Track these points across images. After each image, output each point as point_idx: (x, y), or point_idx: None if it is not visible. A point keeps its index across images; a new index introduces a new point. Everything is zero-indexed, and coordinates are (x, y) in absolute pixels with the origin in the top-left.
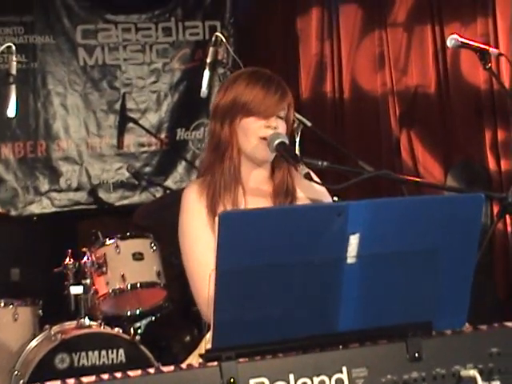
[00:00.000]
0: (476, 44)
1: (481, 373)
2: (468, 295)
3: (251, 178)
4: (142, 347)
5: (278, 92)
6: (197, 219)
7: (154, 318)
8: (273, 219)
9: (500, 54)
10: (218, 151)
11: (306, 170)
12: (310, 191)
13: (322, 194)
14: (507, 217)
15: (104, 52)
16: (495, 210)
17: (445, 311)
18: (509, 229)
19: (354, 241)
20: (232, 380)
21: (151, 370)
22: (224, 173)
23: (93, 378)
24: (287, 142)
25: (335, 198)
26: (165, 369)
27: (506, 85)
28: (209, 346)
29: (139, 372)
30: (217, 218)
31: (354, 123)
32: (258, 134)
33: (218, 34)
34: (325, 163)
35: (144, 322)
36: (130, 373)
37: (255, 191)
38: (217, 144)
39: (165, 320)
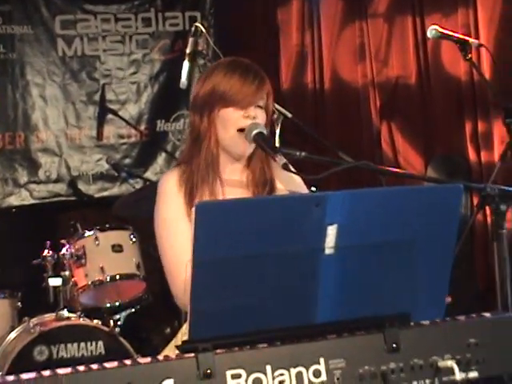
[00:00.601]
0: (456, 35)
1: (458, 363)
2: (446, 286)
3: (228, 170)
4: (122, 339)
5: (256, 81)
6: (173, 208)
7: (133, 310)
8: (250, 209)
9: (480, 45)
10: (197, 142)
11: (284, 160)
12: (289, 182)
13: (301, 186)
14: (487, 208)
15: (83, 42)
16: (475, 201)
17: (423, 302)
18: (488, 220)
19: (331, 231)
20: (209, 371)
21: (127, 362)
22: (201, 164)
23: (68, 370)
24: (265, 132)
25: (313, 189)
26: (141, 360)
27: (487, 76)
28: (185, 337)
29: (115, 363)
30: (193, 209)
31: (335, 114)
32: (236, 124)
33: (197, 24)
34: (303, 153)
35: (124, 313)
36: (107, 364)
37: (233, 182)
38: (196, 136)
39: (145, 312)
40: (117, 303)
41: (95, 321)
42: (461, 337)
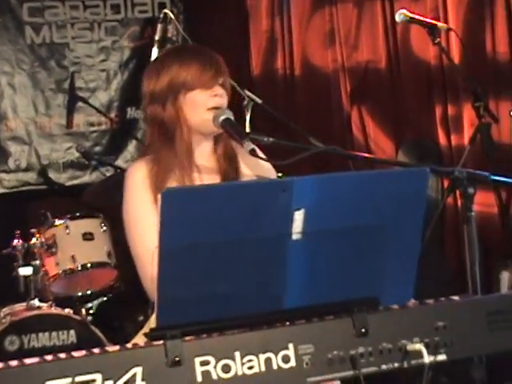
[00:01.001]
0: (425, 19)
1: (427, 346)
2: (414, 270)
3: (199, 152)
4: (94, 328)
5: (214, 62)
6: (142, 199)
7: (105, 299)
8: (217, 196)
9: (449, 29)
10: (166, 134)
11: (252, 146)
12: (257, 168)
13: (269, 172)
14: (457, 192)
15: (51, 30)
16: (446, 185)
17: (391, 286)
18: (459, 203)
19: (298, 217)
20: (177, 359)
21: (96, 350)
22: (178, 154)
23: (36, 359)
24: (232, 117)
25: (279, 174)
26: (110, 348)
27: (456, 60)
28: (154, 325)
29: (83, 352)
30: (159, 196)
31: (305, 100)
32: (206, 104)
33: (166, 11)
34: (271, 139)
35: (96, 302)
36: (75, 353)
37: (206, 169)
38: (161, 127)
39: (117, 300)
40: (88, 292)
41: (67, 310)
42: (429, 320)
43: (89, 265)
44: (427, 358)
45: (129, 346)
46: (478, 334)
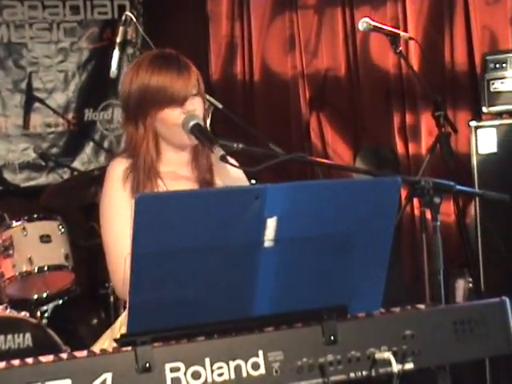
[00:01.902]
0: (387, 28)
1: (395, 355)
2: (383, 279)
3: (172, 162)
4: (50, 331)
5: (184, 72)
6: (118, 198)
7: (61, 302)
8: (189, 202)
9: (411, 38)
10: (135, 149)
11: (222, 152)
12: (226, 176)
13: (238, 179)
14: (414, 201)
15: (9, 30)
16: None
17: (360, 294)
18: (416, 212)
19: (271, 224)
20: (147, 365)
21: (64, 355)
22: (141, 167)
23: (3, 364)
24: (202, 123)
25: (253, 181)
26: (78, 354)
27: (415, 68)
28: (123, 330)
29: (51, 357)
30: (132, 201)
31: (264, 106)
32: (177, 122)
33: (127, 13)
34: (240, 145)
35: (51, 305)
36: (42, 358)
37: (175, 176)
38: (132, 142)
39: (72, 303)
40: (44, 294)
41: (23, 313)
42: (397, 329)
43: (46, 267)
44: (396, 367)
45: (97, 351)
46: (444, 342)
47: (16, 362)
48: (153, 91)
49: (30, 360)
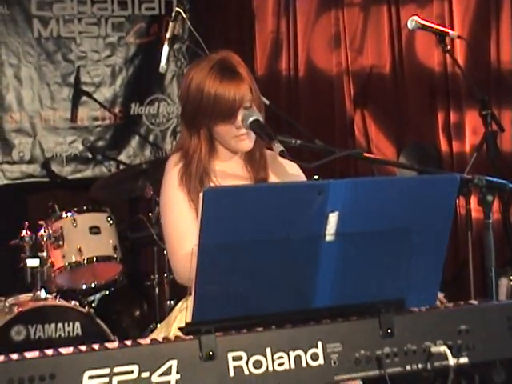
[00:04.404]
0: (436, 26)
1: (450, 349)
2: (440, 273)
3: (226, 161)
4: (99, 320)
5: (232, 85)
6: (178, 190)
7: (107, 292)
8: (255, 196)
9: (459, 37)
10: (187, 154)
11: (281, 147)
12: (284, 174)
13: (296, 176)
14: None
15: (59, 24)
16: None
17: (417, 289)
18: (461, 210)
19: (332, 219)
20: (211, 353)
21: (128, 342)
22: (192, 173)
23: (70, 349)
24: (261, 119)
25: (316, 177)
26: (142, 341)
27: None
28: (187, 317)
29: (116, 344)
30: (201, 194)
31: (309, 102)
32: (232, 135)
33: (178, 9)
34: (298, 141)
35: (98, 295)
36: (108, 344)
37: (229, 175)
38: (185, 148)
39: (116, 294)
40: (93, 285)
41: (72, 302)
42: (452, 323)
43: (95, 258)
44: (451, 361)
45: (160, 339)
46: (499, 338)
47: (83, 347)
48: (206, 105)
49: (96, 346)
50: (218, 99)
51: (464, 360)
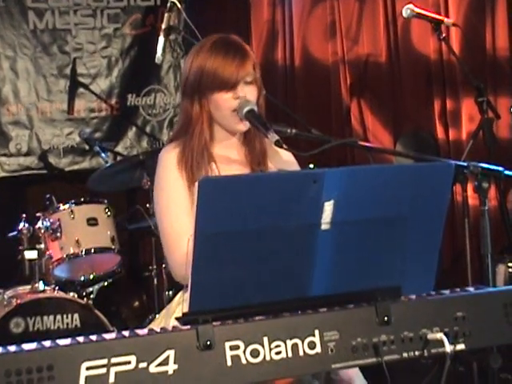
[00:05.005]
0: (431, 14)
1: (446, 336)
2: (436, 261)
3: (224, 145)
4: (97, 312)
5: (237, 58)
6: (173, 182)
7: (105, 284)
8: (251, 185)
9: (454, 24)
10: (189, 126)
11: (277, 137)
12: (279, 162)
13: (289, 163)
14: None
15: (54, 16)
16: None
17: (413, 276)
18: (457, 197)
19: (328, 207)
20: (208, 343)
21: (126, 333)
22: (195, 148)
23: (68, 341)
24: (256, 109)
25: (311, 166)
26: (139, 332)
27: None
28: (179, 310)
29: (114, 335)
30: (196, 183)
31: (305, 91)
32: (229, 106)
33: (173, 0)
34: (293, 131)
35: (96, 287)
36: (105, 335)
37: (229, 160)
38: (187, 121)
39: (115, 285)
40: (91, 276)
41: (71, 293)
42: (448, 311)
43: (92, 250)
44: (448, 347)
45: (157, 329)
46: (495, 324)
47: (80, 338)
48: (208, 74)
49: (93, 337)
50: (223, 66)
51: (461, 347)
